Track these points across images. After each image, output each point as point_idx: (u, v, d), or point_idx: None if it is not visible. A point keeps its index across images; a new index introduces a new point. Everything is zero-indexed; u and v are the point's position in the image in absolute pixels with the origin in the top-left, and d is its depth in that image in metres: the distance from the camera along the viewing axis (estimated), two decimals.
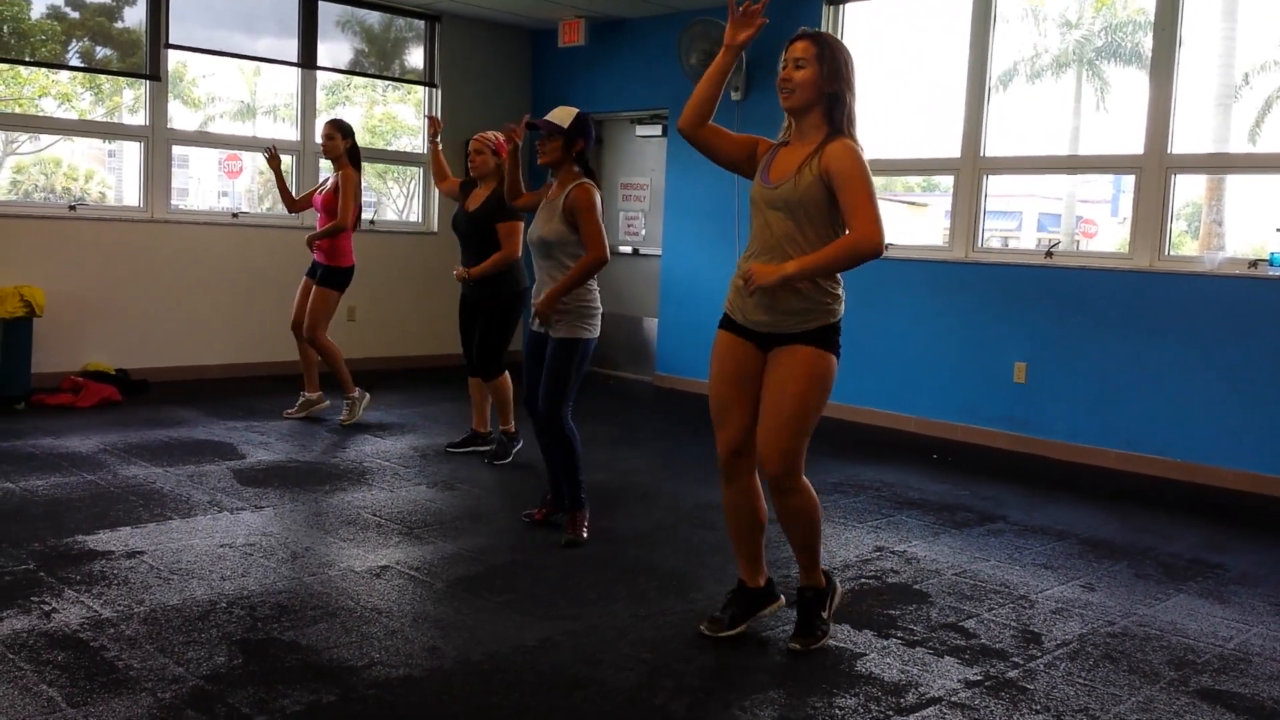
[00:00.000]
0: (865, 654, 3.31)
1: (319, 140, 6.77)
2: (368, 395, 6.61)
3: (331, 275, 6.43)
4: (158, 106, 7.68)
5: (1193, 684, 3.21)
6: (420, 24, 9.10)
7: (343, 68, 8.86)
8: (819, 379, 3.14)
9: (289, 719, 2.70)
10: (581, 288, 4.26)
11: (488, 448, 5.81)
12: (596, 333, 4.34)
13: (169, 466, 5.27)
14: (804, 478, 3.22)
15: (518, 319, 5.67)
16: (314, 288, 6.43)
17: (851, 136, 3.12)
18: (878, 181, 3.16)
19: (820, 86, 3.08)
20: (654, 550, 4.29)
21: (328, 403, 6.72)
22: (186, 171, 10.61)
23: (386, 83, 9.48)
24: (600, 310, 4.37)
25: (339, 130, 6.42)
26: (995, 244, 7.87)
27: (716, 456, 3.33)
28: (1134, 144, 6.37)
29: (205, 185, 12.28)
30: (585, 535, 4.33)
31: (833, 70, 3.08)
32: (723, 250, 8.09)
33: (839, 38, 3.17)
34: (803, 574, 3.39)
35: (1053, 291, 6.56)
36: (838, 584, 3.50)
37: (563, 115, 4.29)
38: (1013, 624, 3.64)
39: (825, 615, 3.39)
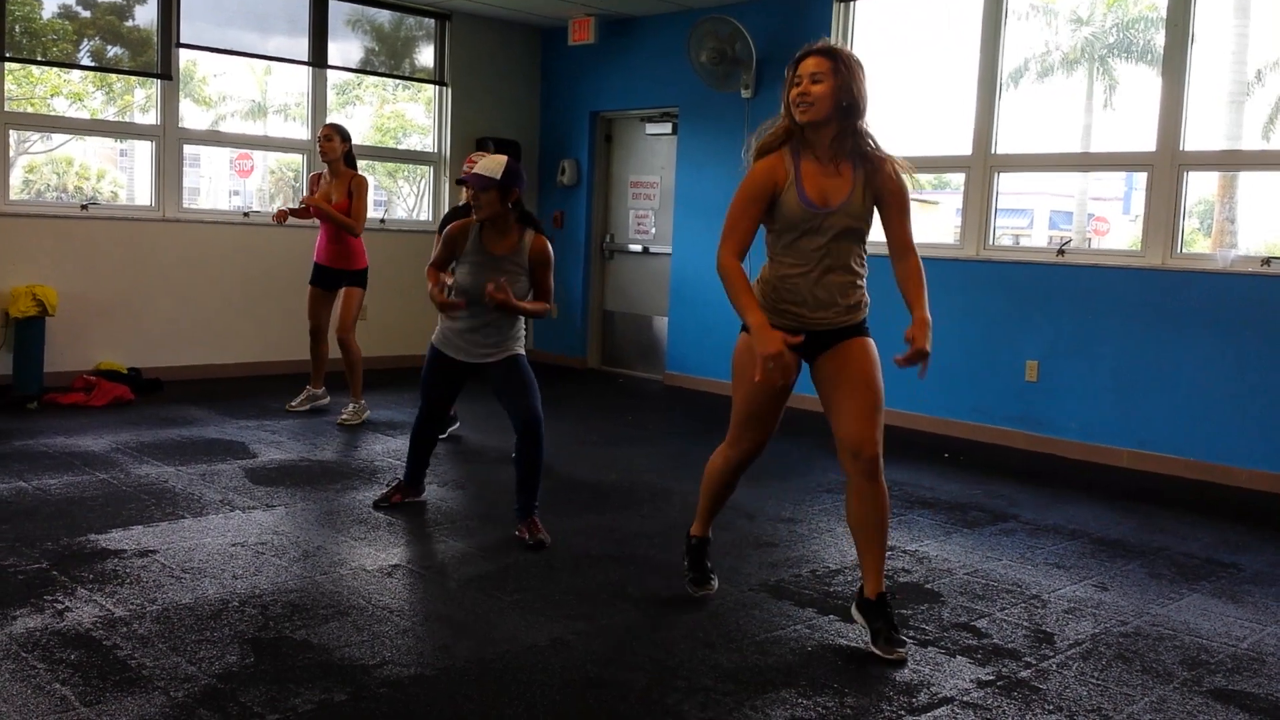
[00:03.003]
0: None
1: None
2: (369, 411, 6.66)
3: (359, 277, 6.56)
4: (169, 105, 7.71)
5: (1206, 684, 3.19)
6: (430, 22, 9.11)
7: (353, 66, 8.88)
8: (879, 366, 3.35)
9: (301, 718, 2.71)
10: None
11: (455, 425, 6.23)
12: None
13: (181, 465, 5.29)
14: None
15: None
16: (344, 290, 6.52)
17: (882, 150, 3.30)
18: None
19: (838, 99, 3.19)
20: (665, 549, 4.28)
21: (329, 399, 6.83)
22: (198, 170, 10.60)
23: (397, 81, 9.49)
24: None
25: (337, 133, 6.45)
26: (1007, 242, 7.84)
27: (732, 444, 3.46)
28: (1146, 141, 6.34)
29: (216, 184, 12.28)
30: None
31: (847, 82, 3.19)
32: None
33: (847, 44, 3.30)
34: (876, 579, 3.31)
35: (1065, 289, 6.54)
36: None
37: (491, 165, 4.20)
38: (1025, 624, 3.63)
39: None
